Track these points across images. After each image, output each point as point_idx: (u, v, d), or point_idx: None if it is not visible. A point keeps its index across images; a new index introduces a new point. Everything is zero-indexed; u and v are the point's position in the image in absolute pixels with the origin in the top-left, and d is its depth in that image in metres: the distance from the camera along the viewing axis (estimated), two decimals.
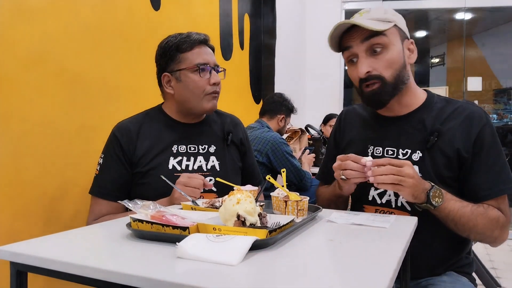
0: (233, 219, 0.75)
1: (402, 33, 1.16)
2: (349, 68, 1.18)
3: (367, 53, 1.12)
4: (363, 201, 1.22)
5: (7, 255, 0.70)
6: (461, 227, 1.07)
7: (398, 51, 1.13)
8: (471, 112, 1.14)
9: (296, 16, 4.27)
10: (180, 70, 1.30)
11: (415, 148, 1.16)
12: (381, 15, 1.13)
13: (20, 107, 1.23)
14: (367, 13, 1.15)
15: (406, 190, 0.99)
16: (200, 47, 1.32)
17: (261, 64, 3.32)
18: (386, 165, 0.99)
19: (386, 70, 1.11)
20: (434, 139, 1.13)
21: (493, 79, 5.21)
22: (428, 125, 1.16)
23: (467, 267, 1.22)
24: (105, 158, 1.29)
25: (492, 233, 1.09)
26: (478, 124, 1.12)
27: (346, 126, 1.35)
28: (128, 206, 0.84)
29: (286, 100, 2.69)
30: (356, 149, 1.25)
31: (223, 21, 2.61)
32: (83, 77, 1.46)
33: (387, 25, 1.11)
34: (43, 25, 1.30)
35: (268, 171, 2.41)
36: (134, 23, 1.72)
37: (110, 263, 0.65)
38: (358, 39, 1.12)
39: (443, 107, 1.18)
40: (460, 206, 1.06)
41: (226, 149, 1.40)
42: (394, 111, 1.21)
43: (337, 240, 0.82)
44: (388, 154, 1.19)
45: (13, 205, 1.21)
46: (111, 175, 1.27)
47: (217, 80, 1.32)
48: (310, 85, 4.52)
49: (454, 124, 1.14)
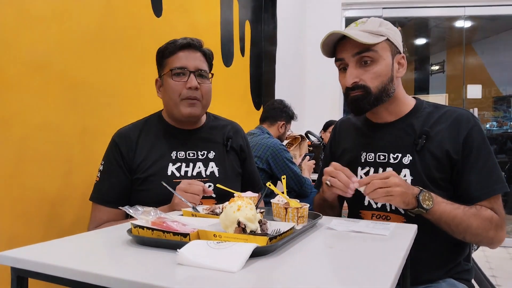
0: (233, 226, 0.76)
1: (394, 47, 1.20)
2: (340, 75, 1.24)
3: (357, 64, 1.17)
4: (359, 206, 1.25)
5: (8, 261, 0.70)
6: (455, 228, 1.09)
7: (386, 65, 1.17)
8: (459, 115, 1.18)
9: (296, 23, 4.29)
10: (163, 75, 1.32)
11: (405, 152, 1.19)
12: (375, 28, 1.17)
13: (22, 112, 1.24)
14: (362, 24, 1.19)
15: (396, 198, 1.03)
16: (184, 51, 1.30)
17: (261, 70, 3.34)
18: (371, 181, 1.04)
19: (372, 81, 1.17)
20: (422, 141, 1.17)
21: (492, 86, 5.23)
22: (417, 129, 1.19)
23: (466, 274, 1.22)
24: (105, 165, 1.29)
25: (487, 234, 1.10)
26: (466, 126, 1.15)
27: (341, 135, 1.40)
28: (129, 212, 0.84)
29: (287, 107, 2.70)
30: (350, 156, 1.30)
31: (224, 28, 2.63)
32: (85, 82, 1.46)
33: (378, 39, 1.15)
34: (46, 31, 1.31)
35: (268, 178, 2.41)
36: (136, 30, 1.73)
37: (111, 269, 0.65)
38: (350, 52, 1.17)
39: (431, 112, 1.22)
40: (452, 208, 1.08)
41: (225, 155, 1.40)
42: (384, 118, 1.26)
43: (337, 248, 0.82)
44: (379, 159, 1.23)
45: (14, 210, 1.21)
46: (111, 181, 1.27)
47: (193, 85, 1.27)
48: (310, 91, 4.54)
49: (442, 127, 1.17)
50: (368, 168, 1.25)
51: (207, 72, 1.34)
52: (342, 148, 1.37)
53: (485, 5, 4.42)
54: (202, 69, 1.32)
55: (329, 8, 4.53)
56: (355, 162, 1.27)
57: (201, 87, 1.30)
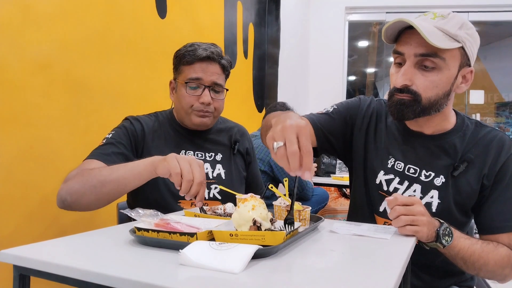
0: (247, 225, 0.77)
1: (465, 59, 1.04)
2: (393, 68, 1.09)
3: (416, 65, 1.03)
4: (375, 210, 1.19)
5: (10, 259, 0.70)
6: (471, 265, 1.03)
7: (448, 77, 1.03)
8: (500, 140, 1.09)
9: (300, 26, 4.30)
10: (178, 81, 1.32)
11: (439, 172, 1.10)
12: (453, 29, 1.00)
13: (25, 111, 1.24)
14: (442, 19, 1.01)
15: (423, 229, 0.92)
16: (202, 63, 1.28)
17: (264, 73, 3.34)
18: (393, 207, 0.93)
19: (425, 90, 1.03)
20: (463, 167, 1.07)
21: (495, 92, 5.22)
22: (459, 151, 1.09)
23: (469, 281, 1.22)
24: (115, 132, 1.23)
25: (502, 271, 1.04)
26: (507, 153, 1.07)
27: (372, 118, 1.23)
28: (131, 215, 0.84)
29: (289, 109, 2.70)
30: (376, 154, 1.19)
31: (227, 30, 2.63)
32: (88, 82, 1.47)
33: (452, 44, 0.99)
34: (51, 31, 1.32)
35: (270, 180, 2.41)
36: (140, 31, 1.74)
37: (113, 268, 0.65)
38: (413, 49, 1.01)
39: (473, 132, 1.12)
40: (470, 244, 1.01)
41: (232, 158, 1.40)
42: (423, 128, 1.14)
43: (339, 251, 0.82)
44: (408, 171, 1.13)
45: (17, 209, 1.22)
46: (116, 146, 1.19)
47: (206, 100, 1.26)
48: (313, 94, 4.54)
49: (482, 151, 1.09)
50: (392, 176, 1.15)
51: (222, 87, 1.32)
52: (365, 133, 1.22)
53: (488, 11, 4.42)
54: (218, 83, 1.30)
55: (332, 12, 4.54)
56: (380, 164, 1.17)
57: (214, 102, 1.30)
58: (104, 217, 1.53)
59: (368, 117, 1.23)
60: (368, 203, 1.20)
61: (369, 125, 1.23)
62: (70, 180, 1.06)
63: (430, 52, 0.99)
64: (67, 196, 1.04)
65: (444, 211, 1.07)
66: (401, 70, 1.03)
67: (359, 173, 1.23)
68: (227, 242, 0.72)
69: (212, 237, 0.77)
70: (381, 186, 1.17)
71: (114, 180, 1.02)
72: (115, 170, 1.03)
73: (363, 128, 1.23)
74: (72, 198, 1.04)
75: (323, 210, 3.32)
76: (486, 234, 1.08)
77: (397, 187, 1.14)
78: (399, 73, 1.04)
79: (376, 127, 1.22)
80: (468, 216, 1.11)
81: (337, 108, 1.28)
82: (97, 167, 1.09)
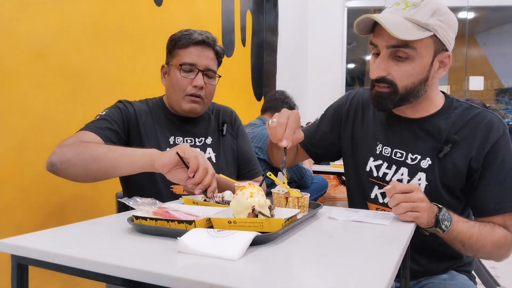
0: (246, 212, 0.77)
1: (439, 44, 1.04)
2: (372, 59, 1.11)
3: (389, 56, 1.05)
4: (366, 197, 1.21)
5: (8, 248, 0.70)
6: (469, 247, 1.04)
7: (422, 66, 1.04)
8: (489, 121, 1.08)
9: (298, 13, 4.26)
10: (171, 65, 1.31)
11: (425, 155, 1.11)
12: (424, 19, 1.00)
13: (22, 102, 1.23)
14: (413, 8, 1.02)
15: (423, 215, 0.93)
16: (197, 47, 1.29)
17: (262, 61, 3.32)
18: (393, 195, 0.94)
19: (401, 79, 1.05)
20: (447, 148, 1.08)
21: (495, 78, 5.21)
22: (443, 133, 1.10)
23: (467, 266, 1.22)
24: (109, 110, 1.24)
25: (499, 251, 1.06)
26: (495, 135, 1.06)
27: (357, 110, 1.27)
28: (129, 203, 0.84)
29: (288, 98, 2.69)
30: (365, 142, 1.22)
31: (225, 18, 2.61)
32: (85, 72, 1.46)
33: (421, 34, 1.00)
34: (46, 20, 1.30)
35: (269, 168, 2.41)
36: (136, 19, 1.72)
37: (111, 257, 0.65)
38: (385, 42, 1.04)
39: (460, 114, 1.11)
40: (468, 227, 1.02)
41: (221, 140, 1.41)
42: (406, 114, 1.16)
43: (337, 237, 0.82)
44: (396, 156, 1.15)
45: (15, 199, 1.21)
46: (110, 123, 1.20)
47: (199, 84, 1.27)
48: (312, 82, 4.52)
49: (470, 133, 1.08)
50: (381, 161, 1.17)
51: (214, 73, 1.34)
52: (352, 124, 1.27)
53: None
54: (211, 69, 1.32)
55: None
56: (369, 151, 1.20)
57: (206, 87, 1.31)
58: (103, 206, 1.54)
59: (353, 109, 1.29)
60: (360, 190, 1.23)
61: (355, 116, 1.28)
62: (65, 147, 1.06)
63: (400, 44, 1.02)
64: (57, 162, 1.05)
65: (432, 192, 1.08)
66: (376, 62, 1.07)
67: (349, 163, 1.28)
68: (225, 229, 0.72)
69: (211, 224, 0.77)
70: (371, 172, 1.19)
71: (106, 160, 1.02)
72: (111, 151, 1.04)
73: (350, 120, 1.28)
74: (62, 165, 1.04)
75: (322, 197, 3.32)
76: (481, 217, 1.09)
77: (386, 172, 1.16)
78: (375, 65, 1.07)
79: (363, 116, 1.26)
80: (457, 198, 1.11)
81: (325, 114, 1.38)
82: (95, 142, 1.09)
